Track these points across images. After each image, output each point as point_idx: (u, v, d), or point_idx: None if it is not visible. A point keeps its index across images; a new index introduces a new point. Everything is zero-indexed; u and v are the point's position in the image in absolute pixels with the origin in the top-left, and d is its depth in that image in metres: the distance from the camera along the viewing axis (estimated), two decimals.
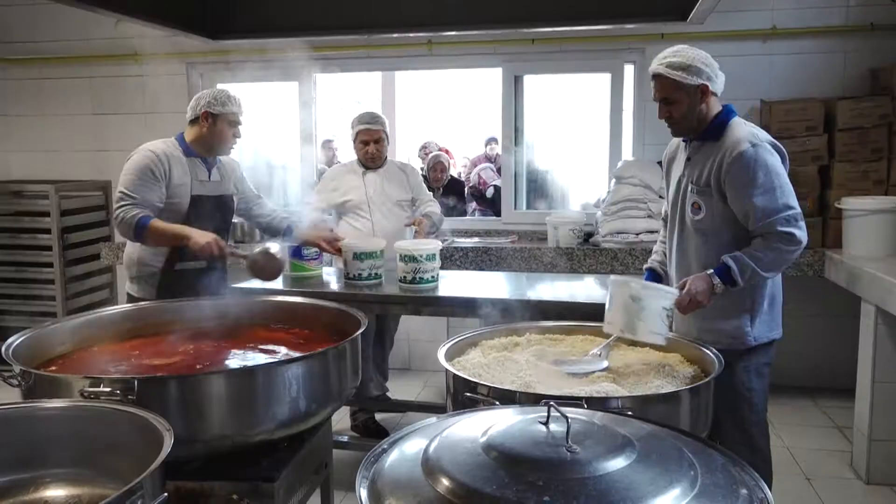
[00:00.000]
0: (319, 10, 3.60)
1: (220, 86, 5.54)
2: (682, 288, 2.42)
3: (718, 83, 2.55)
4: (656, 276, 2.88)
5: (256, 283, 3.55)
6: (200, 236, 2.84)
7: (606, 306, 2.36)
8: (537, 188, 5.49)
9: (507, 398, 1.89)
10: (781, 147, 2.55)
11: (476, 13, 3.60)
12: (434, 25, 3.87)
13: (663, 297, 2.32)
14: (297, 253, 3.55)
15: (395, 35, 4.62)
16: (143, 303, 2.87)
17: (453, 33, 4.52)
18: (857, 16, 4.73)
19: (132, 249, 3.21)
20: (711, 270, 2.44)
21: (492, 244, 4.76)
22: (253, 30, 3.70)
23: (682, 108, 2.53)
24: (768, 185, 2.42)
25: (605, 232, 4.64)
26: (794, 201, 2.48)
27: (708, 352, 2.24)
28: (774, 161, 2.47)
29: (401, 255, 3.32)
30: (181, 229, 2.91)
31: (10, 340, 2.21)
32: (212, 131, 3.11)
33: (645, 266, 2.99)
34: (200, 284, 3.05)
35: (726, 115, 2.58)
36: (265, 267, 2.82)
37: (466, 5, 3.61)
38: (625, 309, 2.29)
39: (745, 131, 2.52)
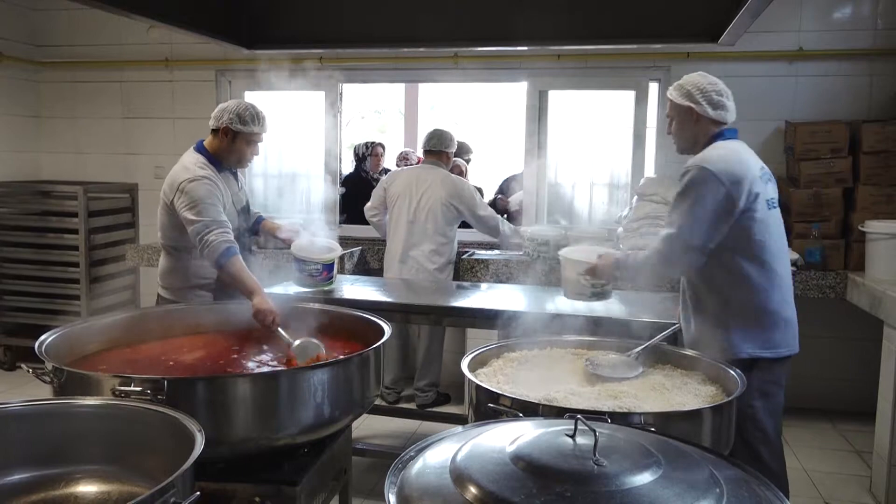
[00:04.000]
0: (352, 23, 3.66)
1: (247, 94, 5.63)
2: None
3: (711, 111, 2.61)
4: None
5: (279, 289, 3.60)
6: (265, 302, 2.74)
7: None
8: (559, 202, 5.51)
9: (530, 410, 1.91)
10: (740, 182, 2.48)
11: (504, 30, 3.63)
12: (462, 41, 3.91)
13: (579, 266, 2.90)
14: (298, 268, 3.52)
15: (423, 49, 4.68)
16: (170, 305, 2.91)
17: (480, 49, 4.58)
18: (885, 39, 4.72)
19: (176, 263, 3.14)
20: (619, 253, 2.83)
21: (512, 257, 4.78)
22: (288, 41, 3.76)
23: (674, 125, 2.72)
24: (684, 209, 2.51)
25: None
26: (696, 237, 2.49)
27: (731, 371, 2.25)
28: (709, 192, 2.47)
29: None
30: (254, 283, 2.81)
31: (42, 337, 2.26)
32: (230, 147, 3.09)
33: None
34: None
35: (715, 138, 2.64)
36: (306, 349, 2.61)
37: (494, 22, 3.63)
38: (564, 279, 3.01)
39: (709, 154, 2.56)
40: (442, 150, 4.77)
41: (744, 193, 2.49)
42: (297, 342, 2.57)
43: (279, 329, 2.65)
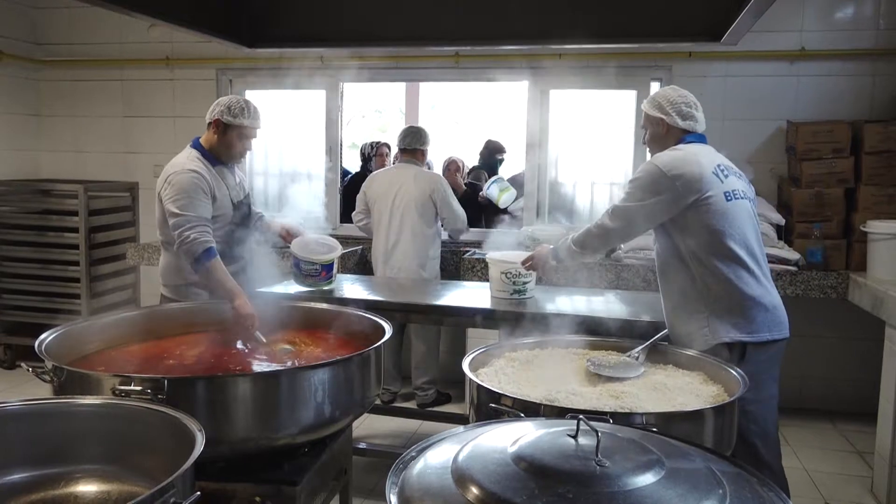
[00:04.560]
0: (352, 22, 3.64)
1: (248, 93, 5.63)
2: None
3: (681, 121, 2.80)
4: None
5: (280, 288, 3.60)
6: (246, 305, 2.75)
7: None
8: (560, 202, 5.50)
9: (531, 410, 1.90)
10: (684, 179, 2.64)
11: (505, 29, 3.62)
12: (462, 40, 3.89)
13: (504, 266, 3.40)
14: (297, 267, 3.52)
15: (424, 48, 4.67)
16: (170, 304, 2.90)
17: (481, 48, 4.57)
18: (887, 40, 4.71)
19: (173, 259, 3.13)
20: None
21: None
22: (289, 39, 3.74)
23: (647, 134, 2.91)
24: (629, 190, 2.77)
25: (628, 248, 4.64)
26: (633, 212, 2.72)
27: (732, 371, 2.25)
28: (652, 182, 2.69)
29: None
30: (234, 286, 2.82)
31: (42, 336, 2.25)
32: (221, 140, 3.09)
33: None
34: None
35: (678, 143, 2.80)
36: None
37: (495, 21, 3.62)
38: (490, 279, 3.49)
39: (663, 154, 2.77)
40: (417, 148, 4.81)
41: (685, 186, 2.63)
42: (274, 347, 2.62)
43: (257, 333, 2.69)
